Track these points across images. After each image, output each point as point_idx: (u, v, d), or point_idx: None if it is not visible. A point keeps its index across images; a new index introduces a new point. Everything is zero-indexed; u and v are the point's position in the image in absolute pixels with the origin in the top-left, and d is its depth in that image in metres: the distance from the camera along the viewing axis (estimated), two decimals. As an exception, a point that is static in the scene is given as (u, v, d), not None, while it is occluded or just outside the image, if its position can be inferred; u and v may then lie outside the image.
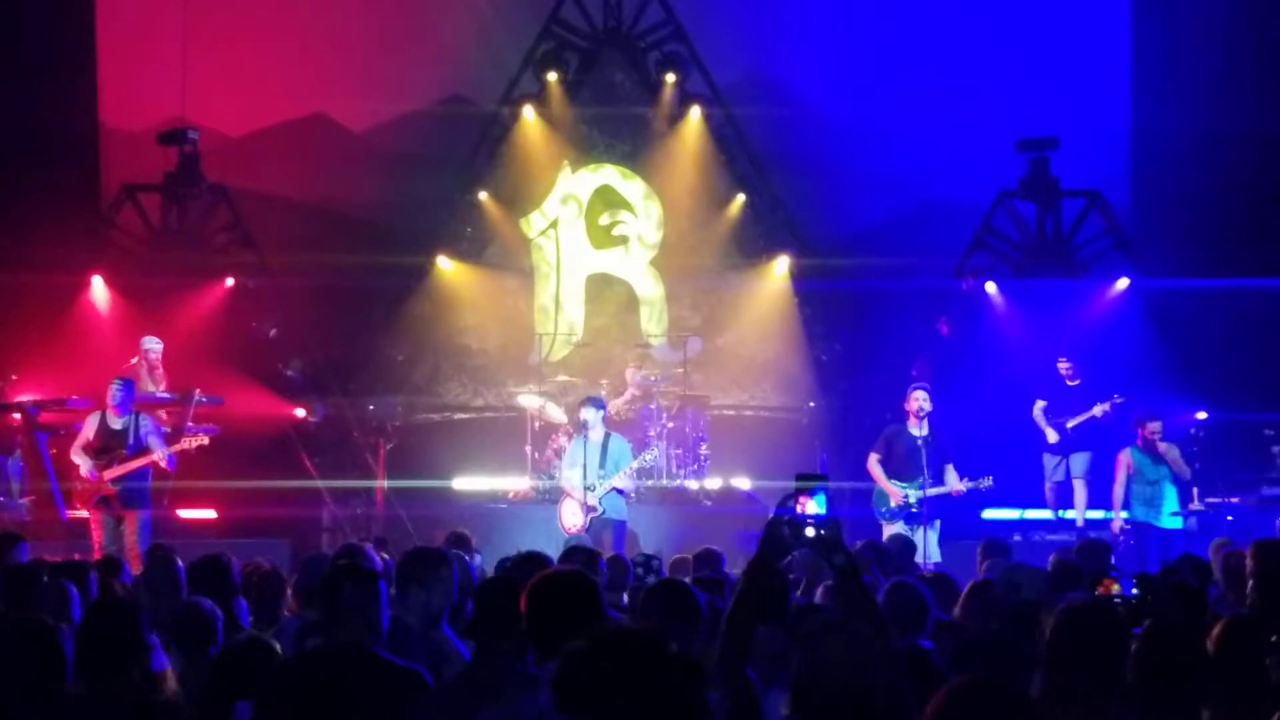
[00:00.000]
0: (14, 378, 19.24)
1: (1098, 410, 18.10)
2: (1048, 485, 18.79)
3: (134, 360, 18.59)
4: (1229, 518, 16.92)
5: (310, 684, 6.24)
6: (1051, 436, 18.50)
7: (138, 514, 15.86)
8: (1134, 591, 6.93)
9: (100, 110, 22.06)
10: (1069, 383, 18.54)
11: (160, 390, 18.47)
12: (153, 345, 18.75)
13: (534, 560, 8.72)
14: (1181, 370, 19.24)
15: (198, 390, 18.16)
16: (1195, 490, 16.98)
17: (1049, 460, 18.73)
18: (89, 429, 16.20)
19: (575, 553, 10.27)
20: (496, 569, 9.83)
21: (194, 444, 16.62)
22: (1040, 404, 18.66)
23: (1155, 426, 16.61)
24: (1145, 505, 16.61)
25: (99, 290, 20.81)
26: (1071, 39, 22.30)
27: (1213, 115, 20.93)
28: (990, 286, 21.08)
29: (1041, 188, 21.35)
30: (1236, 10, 21.30)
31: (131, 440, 16.01)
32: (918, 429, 16.29)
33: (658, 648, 4.19)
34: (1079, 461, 18.51)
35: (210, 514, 18.86)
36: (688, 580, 8.12)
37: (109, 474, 15.84)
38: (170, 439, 16.67)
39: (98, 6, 21.99)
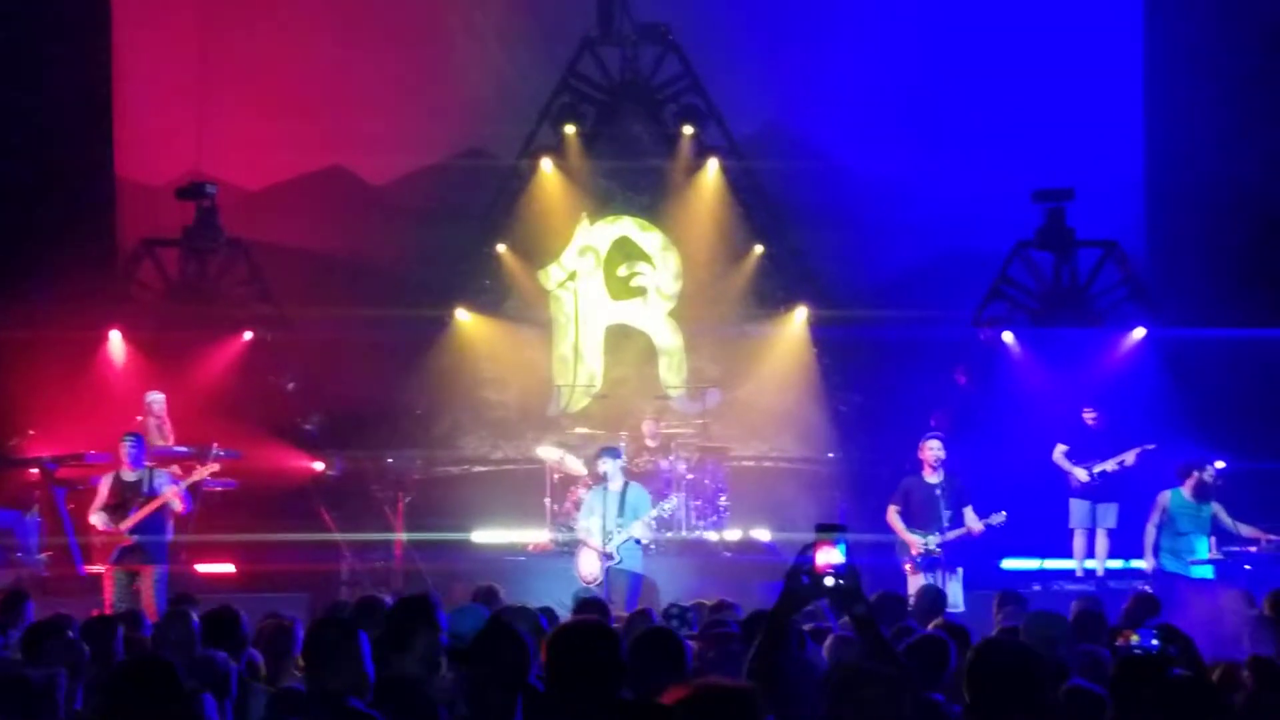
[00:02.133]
0: (32, 433, 19.26)
1: (1129, 457, 18.02)
2: (1076, 532, 18.66)
3: (140, 417, 18.61)
4: (1246, 566, 16.81)
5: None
6: (1081, 475, 18.39)
7: (154, 569, 15.80)
8: (1154, 642, 6.88)
9: (117, 165, 22.13)
10: (1094, 430, 18.50)
11: (169, 443, 18.49)
12: (156, 399, 18.80)
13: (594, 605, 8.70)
14: (1198, 419, 19.14)
15: (215, 444, 18.14)
16: (1213, 540, 16.89)
17: (1077, 506, 18.62)
18: (104, 489, 16.14)
19: (589, 605, 10.23)
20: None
21: (205, 473, 16.62)
22: (1061, 448, 18.60)
23: (1212, 470, 16.59)
24: (1173, 556, 16.55)
25: (117, 345, 20.84)
26: (1086, 90, 22.37)
27: (1226, 165, 20.96)
28: (1008, 336, 21.09)
29: (1058, 238, 21.37)
30: (1250, 60, 21.30)
31: (146, 491, 15.98)
32: (934, 477, 16.38)
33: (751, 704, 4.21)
34: (1106, 512, 18.43)
35: (229, 568, 18.83)
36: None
37: (125, 524, 15.80)
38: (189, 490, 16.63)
39: (115, 61, 22.09)
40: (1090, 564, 18.58)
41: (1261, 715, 6.08)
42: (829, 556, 5.69)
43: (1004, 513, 16.15)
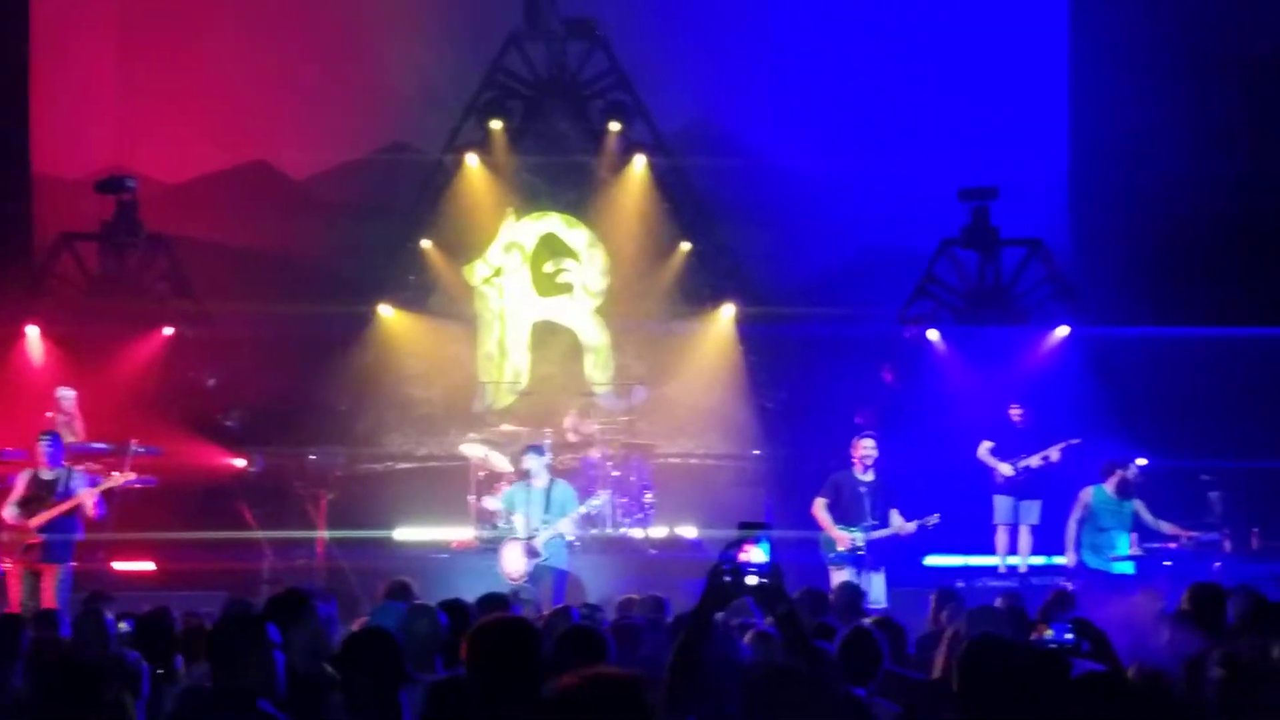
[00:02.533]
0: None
1: (1054, 452, 18.13)
2: (1000, 528, 18.75)
3: (49, 414, 18.39)
4: (1167, 563, 16.92)
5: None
6: (1005, 470, 18.49)
7: (59, 568, 15.59)
8: (1068, 637, 6.88)
9: (34, 158, 21.88)
10: (1019, 427, 18.62)
11: (79, 439, 18.28)
12: (66, 395, 18.61)
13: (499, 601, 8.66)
14: (1120, 416, 19.32)
15: (135, 441, 17.93)
16: (1134, 536, 17.00)
17: (1001, 502, 18.72)
18: (20, 484, 15.97)
19: (491, 602, 10.14)
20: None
21: (121, 480, 16.42)
22: (986, 444, 18.70)
23: (1134, 467, 16.74)
24: (1094, 552, 16.65)
25: (34, 340, 20.60)
26: (1011, 90, 22.50)
27: (1150, 164, 21.15)
28: (933, 334, 21.19)
29: (983, 236, 21.50)
30: (1174, 61, 21.47)
31: (60, 490, 15.80)
32: (864, 475, 16.40)
33: (634, 692, 4.15)
34: (1030, 509, 18.54)
35: (148, 566, 18.64)
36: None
37: (34, 521, 15.60)
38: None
39: (32, 53, 21.83)
40: (1013, 560, 18.69)
41: (1232, 711, 6.07)
42: (752, 555, 5.64)
43: (937, 515, 16.20)
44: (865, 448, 16.52)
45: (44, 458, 15.96)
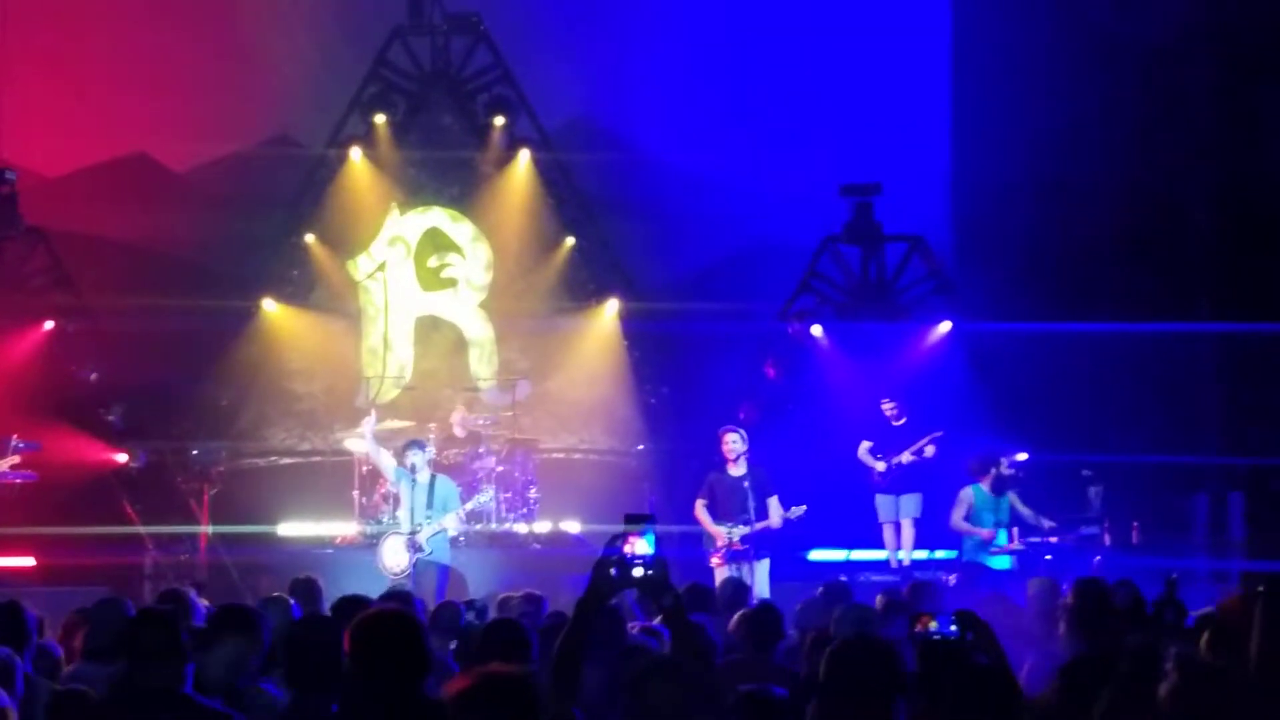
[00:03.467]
0: None
1: (926, 448, 18.31)
2: (885, 526, 18.89)
3: None
4: (1047, 556, 17.17)
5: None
6: (879, 467, 18.65)
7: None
8: (953, 629, 6.98)
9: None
10: (894, 423, 18.78)
11: None
12: None
13: (357, 603, 8.61)
14: (1002, 412, 19.53)
15: (15, 436, 17.75)
16: (1015, 530, 17.24)
17: (882, 500, 18.86)
18: None
19: (394, 596, 10.17)
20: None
21: (4, 465, 16.26)
22: (866, 444, 18.86)
23: (1007, 462, 16.99)
24: (976, 546, 16.87)
25: (-91, 332, 20.29)
26: (894, 86, 22.64)
27: (1031, 161, 21.41)
28: (816, 329, 21.26)
29: (865, 232, 21.61)
30: (1055, 58, 21.73)
31: (-58, 481, 15.65)
32: (737, 470, 16.49)
33: (527, 690, 4.20)
34: (909, 503, 18.69)
35: (28, 561, 18.43)
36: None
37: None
38: None
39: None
40: (901, 555, 18.84)
41: (1186, 710, 6.15)
42: (637, 546, 5.71)
43: (804, 506, 16.32)
44: (730, 441, 16.55)
45: None
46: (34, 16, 22.39)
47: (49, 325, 20.66)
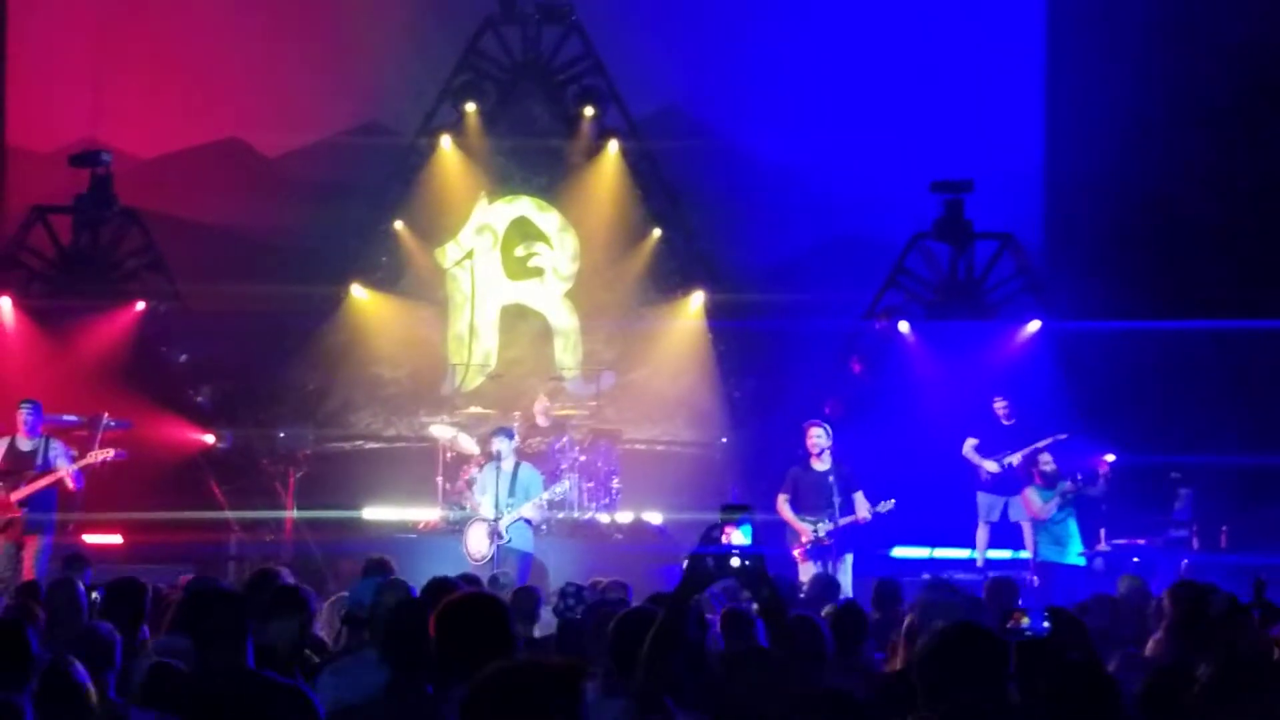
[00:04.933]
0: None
1: (1042, 446, 17.96)
2: (982, 525, 18.72)
3: None
4: (1135, 559, 17.04)
5: (212, 703, 6.20)
6: (991, 467, 18.42)
7: (38, 540, 15.67)
8: (1045, 625, 6.95)
9: (8, 131, 21.84)
10: (1004, 423, 18.56)
11: None
12: None
13: (446, 587, 8.66)
14: (1090, 413, 19.34)
15: (106, 414, 17.95)
16: (1102, 531, 17.10)
17: (984, 499, 18.66)
18: None
19: (468, 582, 10.20)
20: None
21: (99, 458, 16.45)
22: (971, 442, 18.65)
23: (1046, 459, 16.86)
24: (1053, 544, 16.75)
25: (7, 312, 20.53)
26: (987, 83, 22.52)
27: (1125, 159, 21.21)
28: (903, 326, 21.13)
29: (955, 230, 21.43)
30: (1149, 55, 21.54)
31: (39, 462, 15.88)
32: (821, 465, 16.43)
33: (569, 676, 4.16)
34: (1017, 505, 18.16)
35: (116, 539, 18.64)
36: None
37: (15, 495, 15.66)
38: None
39: (9, 26, 21.77)
40: (995, 555, 18.63)
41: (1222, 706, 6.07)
42: (734, 537, 5.70)
43: (892, 500, 16.23)
44: (814, 436, 16.53)
45: (23, 426, 15.99)
46: (132, 1, 22.65)
47: (141, 306, 20.91)
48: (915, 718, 5.53)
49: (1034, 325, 20.93)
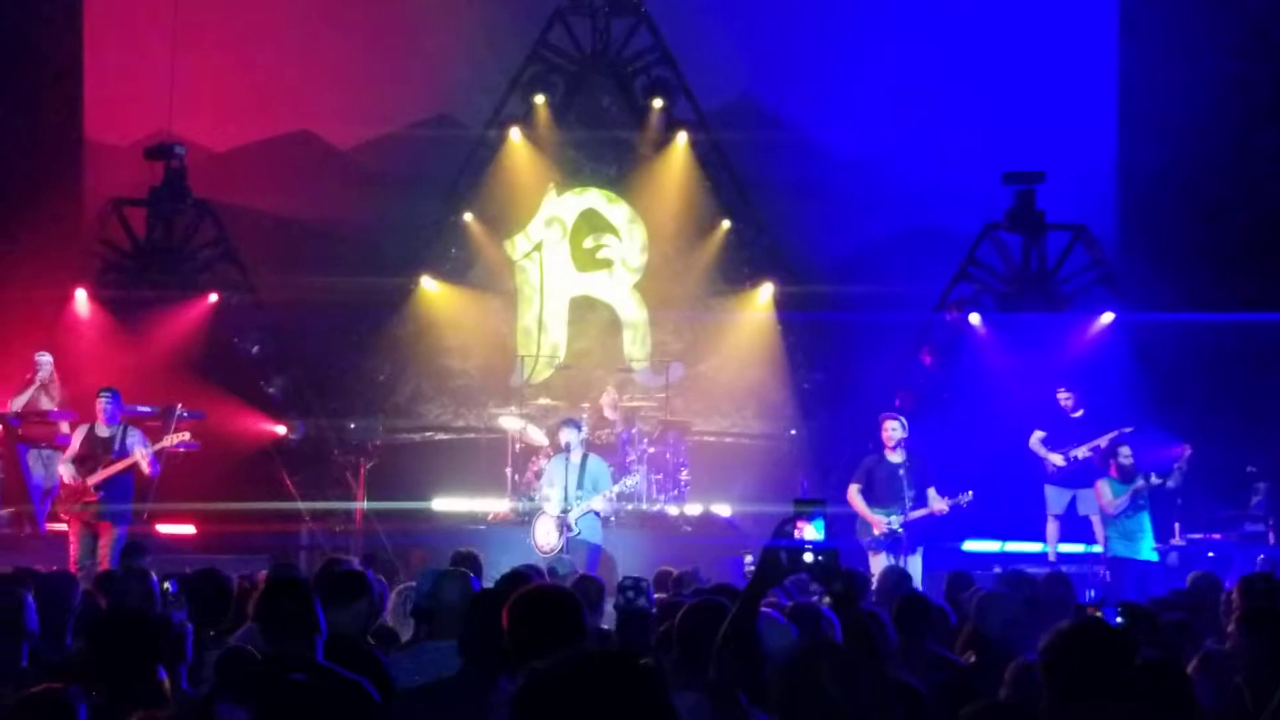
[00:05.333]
0: (-5, 390, 19.17)
1: (1105, 443, 17.86)
2: (1051, 519, 18.58)
3: (29, 376, 18.59)
4: (1210, 554, 16.91)
5: (283, 690, 6.24)
6: (1057, 460, 18.32)
7: (114, 529, 15.82)
8: (1119, 620, 6.89)
9: (86, 124, 22.02)
10: (1071, 415, 18.43)
11: (56, 405, 18.45)
12: (44, 360, 18.71)
13: (520, 579, 8.68)
14: (1165, 406, 19.18)
15: (179, 405, 18.10)
16: (1177, 526, 16.97)
17: (1052, 493, 18.53)
18: (76, 440, 16.24)
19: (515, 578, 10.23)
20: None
21: (174, 441, 16.62)
22: (1039, 434, 18.52)
23: (1125, 451, 16.73)
24: (1123, 539, 16.62)
25: (82, 303, 20.72)
26: (1060, 73, 22.38)
27: (1198, 149, 21.01)
28: (974, 318, 21.01)
29: (1027, 220, 21.29)
30: (1222, 45, 21.34)
31: (117, 448, 16.02)
32: (895, 457, 16.36)
33: (624, 667, 4.15)
34: (1087, 498, 17.97)
35: (189, 529, 18.80)
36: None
37: (92, 479, 15.82)
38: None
39: (85, 21, 21.95)
40: (1065, 548, 18.52)
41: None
42: (807, 532, 5.67)
43: (970, 492, 16.14)
44: (890, 428, 16.44)
45: (102, 414, 16.16)
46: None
47: (213, 297, 21.06)
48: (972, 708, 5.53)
49: (1107, 317, 20.78)
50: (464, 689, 6.45)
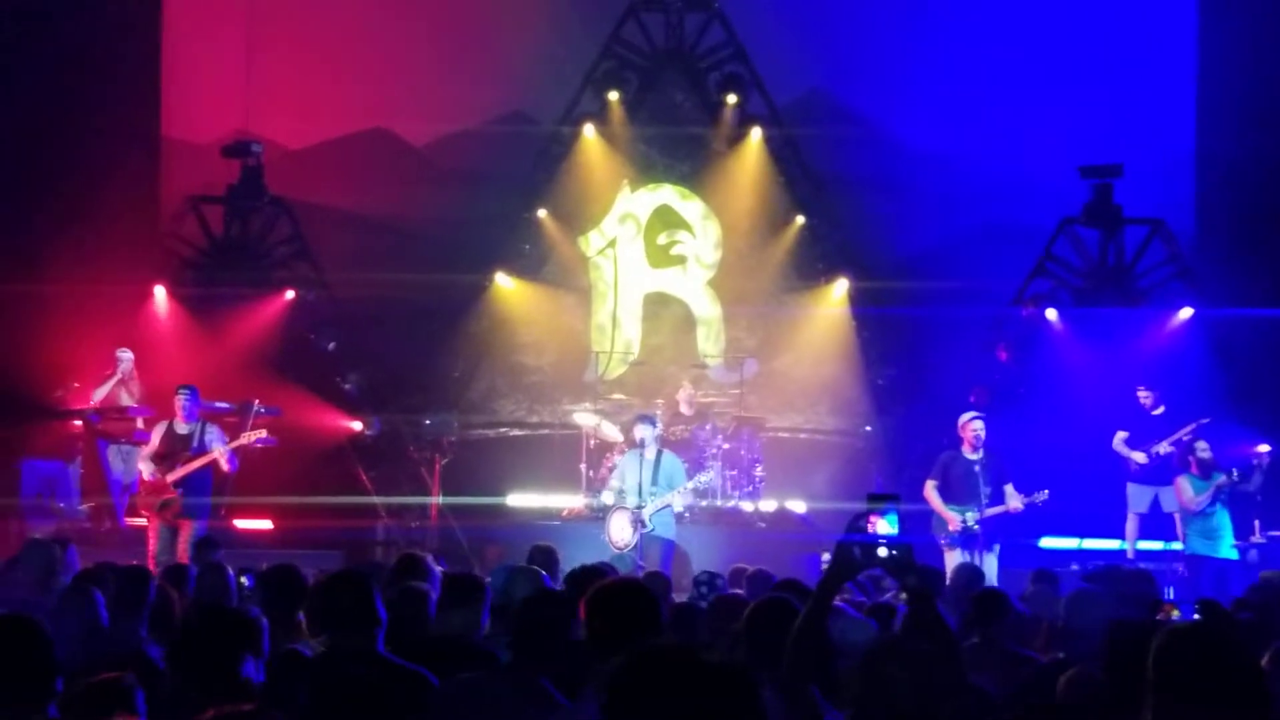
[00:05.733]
0: (76, 386, 19.33)
1: (1185, 434, 17.67)
2: (1131, 516, 18.44)
3: (109, 371, 18.77)
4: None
5: (338, 687, 6.27)
6: (1139, 458, 18.14)
7: (193, 524, 15.95)
8: (1195, 617, 6.83)
9: (164, 123, 22.22)
10: (1152, 412, 18.26)
11: (135, 401, 18.60)
12: (125, 356, 18.89)
13: (593, 574, 8.71)
14: (1244, 401, 18.99)
15: (256, 401, 18.24)
16: (1257, 523, 16.79)
17: (1134, 490, 18.37)
18: (155, 438, 16.40)
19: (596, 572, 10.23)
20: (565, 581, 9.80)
21: (252, 438, 16.74)
22: (1121, 435, 18.33)
23: (1203, 446, 16.58)
24: (1202, 537, 16.48)
25: (161, 300, 20.91)
26: (1137, 67, 22.22)
27: (1277, 141, 20.77)
28: (1051, 313, 20.85)
29: (1104, 215, 21.14)
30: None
31: (195, 444, 16.16)
32: (973, 454, 16.29)
33: (703, 664, 4.15)
34: (1169, 495, 17.75)
35: (266, 525, 18.95)
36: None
37: (171, 476, 15.97)
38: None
39: (164, 19, 22.14)
40: (1145, 546, 18.38)
41: None
42: (880, 527, 5.66)
43: (1046, 491, 16.04)
44: (973, 427, 16.38)
45: (181, 411, 16.30)
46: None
47: (290, 294, 21.20)
48: None
49: (1185, 312, 20.58)
50: (508, 682, 6.46)
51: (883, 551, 5.64)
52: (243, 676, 6.23)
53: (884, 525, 5.67)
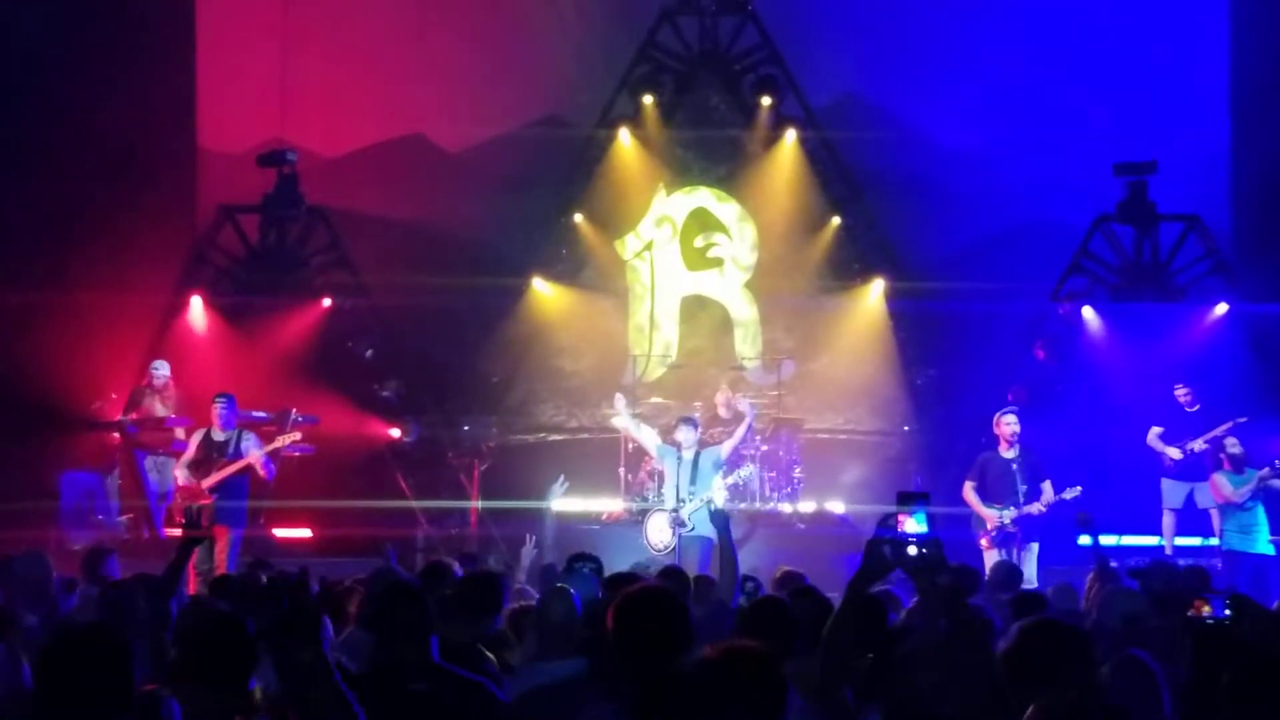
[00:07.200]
0: (114, 396, 19.46)
1: (1221, 432, 17.55)
2: (1167, 513, 18.39)
3: (144, 383, 18.84)
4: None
5: (399, 697, 6.29)
6: (1174, 454, 18.11)
7: (230, 532, 16.01)
8: (1227, 613, 6.78)
9: (199, 132, 22.32)
10: (1188, 409, 18.20)
11: (170, 412, 18.67)
12: (160, 368, 18.95)
13: (627, 580, 8.71)
14: (1280, 396, 18.95)
15: (294, 409, 18.30)
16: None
17: (1169, 486, 18.33)
18: (192, 445, 16.50)
19: (670, 574, 10.27)
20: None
21: (287, 440, 16.80)
22: (1155, 430, 18.32)
23: (1232, 441, 16.52)
24: (1239, 533, 16.42)
25: (197, 310, 21.00)
26: (1171, 63, 22.14)
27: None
28: (1087, 311, 20.79)
29: (1139, 212, 21.04)
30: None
31: (231, 451, 16.23)
32: (1009, 452, 16.30)
33: (761, 665, 4.16)
34: (1207, 492, 17.61)
35: (305, 533, 18.99)
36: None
37: (207, 482, 16.03)
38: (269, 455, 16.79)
39: (198, 29, 22.24)
40: (1182, 542, 18.31)
41: None
42: (909, 525, 5.66)
43: (1079, 487, 16.04)
44: (1008, 424, 16.48)
45: (218, 419, 16.38)
46: (316, 4, 23.07)
47: (327, 302, 21.26)
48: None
49: (1222, 308, 20.49)
50: (592, 685, 6.46)
51: (913, 550, 5.65)
52: (246, 690, 6.22)
53: (912, 524, 5.67)
